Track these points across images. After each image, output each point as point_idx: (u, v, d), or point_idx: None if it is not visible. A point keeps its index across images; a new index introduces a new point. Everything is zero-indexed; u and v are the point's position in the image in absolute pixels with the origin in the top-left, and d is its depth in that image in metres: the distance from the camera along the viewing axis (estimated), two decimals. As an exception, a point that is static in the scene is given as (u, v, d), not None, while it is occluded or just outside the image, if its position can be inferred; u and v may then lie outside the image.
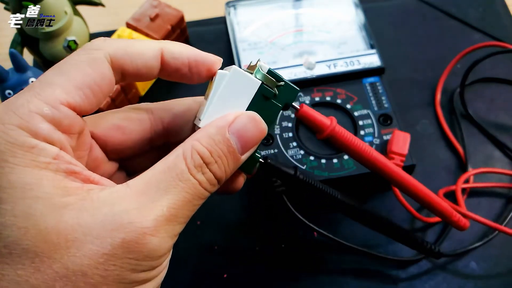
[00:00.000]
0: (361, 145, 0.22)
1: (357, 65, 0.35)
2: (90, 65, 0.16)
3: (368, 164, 0.23)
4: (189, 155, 0.16)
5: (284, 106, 0.19)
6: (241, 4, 0.40)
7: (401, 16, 0.44)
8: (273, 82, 0.19)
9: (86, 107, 0.16)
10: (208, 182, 0.17)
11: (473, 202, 0.34)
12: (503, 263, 0.31)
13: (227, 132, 0.17)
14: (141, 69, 0.17)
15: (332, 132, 0.21)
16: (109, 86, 0.17)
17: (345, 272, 0.31)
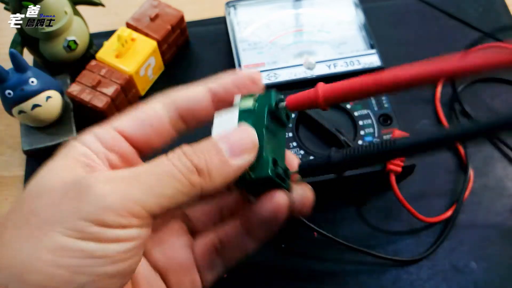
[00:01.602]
0: (356, 84, 0.19)
1: (357, 65, 0.35)
2: (145, 104, 0.21)
3: (373, 92, 0.19)
4: (171, 152, 0.18)
5: (270, 112, 0.20)
6: (241, 4, 0.40)
7: (401, 16, 0.44)
8: (250, 102, 0.20)
9: (133, 132, 0.20)
10: (184, 166, 0.17)
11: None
12: (503, 262, 0.31)
13: (217, 139, 0.18)
14: (190, 99, 0.21)
15: (323, 96, 0.19)
16: (158, 120, 0.20)
17: (345, 272, 0.31)
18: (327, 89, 0.19)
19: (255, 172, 0.19)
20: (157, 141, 0.20)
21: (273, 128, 0.20)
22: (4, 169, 0.37)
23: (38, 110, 0.33)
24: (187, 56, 0.42)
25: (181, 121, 0.21)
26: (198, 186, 0.17)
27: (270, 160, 0.19)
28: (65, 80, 0.38)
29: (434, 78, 0.17)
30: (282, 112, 0.20)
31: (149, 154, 0.21)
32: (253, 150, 0.19)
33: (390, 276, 0.31)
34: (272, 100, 0.20)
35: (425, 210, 0.33)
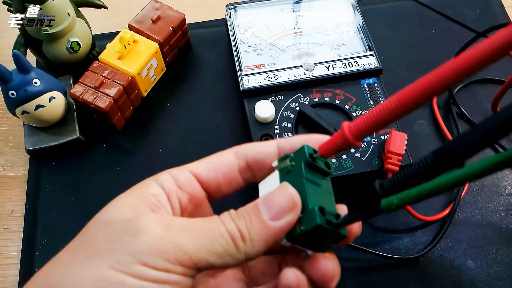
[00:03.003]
0: (375, 113, 0.18)
1: (355, 67, 0.36)
2: (219, 153, 0.22)
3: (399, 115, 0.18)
4: (223, 213, 0.19)
5: (307, 163, 0.20)
6: (241, 6, 0.40)
7: (398, 18, 0.44)
8: (286, 161, 0.20)
9: (205, 176, 0.21)
10: (232, 229, 0.18)
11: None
12: (499, 260, 0.32)
13: (258, 202, 0.19)
14: (258, 153, 0.22)
15: (351, 134, 0.19)
16: (229, 167, 0.22)
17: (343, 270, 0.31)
18: (352, 126, 0.19)
19: (304, 224, 0.19)
20: (227, 187, 0.22)
21: (316, 179, 0.20)
22: (7, 169, 0.37)
23: (41, 110, 0.34)
24: (188, 58, 0.42)
25: (249, 171, 0.22)
26: (242, 250, 0.18)
27: (316, 208, 0.19)
28: (68, 81, 0.38)
29: (444, 85, 0.16)
30: (320, 163, 0.20)
31: (217, 199, 0.22)
32: (293, 209, 0.19)
33: (387, 274, 0.31)
34: (306, 153, 0.20)
35: (422, 209, 0.33)
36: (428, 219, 0.33)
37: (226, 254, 0.17)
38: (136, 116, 0.39)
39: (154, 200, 0.19)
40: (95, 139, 0.38)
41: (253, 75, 0.36)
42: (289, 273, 0.19)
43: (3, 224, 0.35)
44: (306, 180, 0.19)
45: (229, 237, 0.17)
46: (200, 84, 0.41)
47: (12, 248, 0.34)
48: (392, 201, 0.17)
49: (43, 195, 0.35)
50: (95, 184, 0.36)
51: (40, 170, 0.36)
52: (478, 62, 0.15)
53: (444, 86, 0.16)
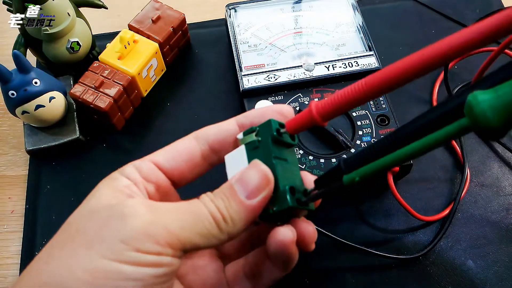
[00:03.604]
0: (345, 93, 0.18)
1: (355, 67, 0.36)
2: (179, 140, 0.22)
3: (366, 98, 0.18)
4: (203, 196, 0.19)
5: (274, 140, 0.20)
6: (241, 6, 0.40)
7: (398, 18, 0.44)
8: (252, 136, 0.21)
9: (167, 165, 0.21)
10: (214, 212, 0.18)
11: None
12: (499, 260, 0.32)
13: (232, 182, 0.19)
14: (220, 134, 0.22)
15: (318, 113, 0.19)
16: (190, 152, 0.22)
17: (343, 270, 0.32)
18: (320, 106, 0.19)
19: (276, 205, 0.20)
20: (190, 173, 0.22)
21: (282, 153, 0.21)
22: (7, 169, 0.37)
23: (41, 110, 0.34)
24: (188, 58, 0.42)
25: (212, 154, 0.22)
26: (225, 231, 0.18)
27: (287, 189, 0.19)
28: (68, 81, 0.38)
29: (427, 65, 0.16)
30: (286, 136, 0.21)
31: (183, 185, 0.22)
32: (268, 186, 0.19)
33: (388, 274, 0.31)
34: (272, 129, 0.20)
35: (422, 209, 0.33)
36: (428, 219, 0.33)
37: (210, 235, 0.18)
38: (136, 116, 0.39)
39: (127, 190, 0.19)
40: (95, 139, 0.38)
41: (253, 75, 0.36)
42: (285, 230, 0.19)
43: (3, 224, 0.35)
44: (274, 158, 0.20)
45: (212, 219, 0.18)
46: (200, 84, 0.41)
47: (12, 248, 0.34)
48: (354, 178, 0.18)
49: (43, 195, 0.35)
50: (95, 184, 0.35)
51: (40, 170, 0.36)
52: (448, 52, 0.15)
53: (408, 76, 0.16)
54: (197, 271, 0.22)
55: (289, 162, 0.21)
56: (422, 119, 0.17)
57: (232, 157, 0.21)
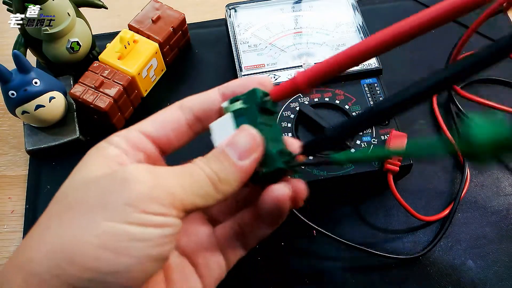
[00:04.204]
0: (333, 61, 0.19)
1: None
2: (164, 109, 0.23)
3: (353, 62, 0.20)
4: (197, 160, 0.20)
5: (260, 109, 0.21)
6: (241, 6, 0.40)
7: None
8: (237, 104, 0.22)
9: (155, 134, 0.22)
10: (211, 173, 0.19)
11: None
12: (499, 260, 0.32)
13: (223, 146, 0.20)
14: (204, 103, 0.22)
15: (303, 81, 0.20)
16: (176, 121, 0.22)
17: (343, 270, 0.32)
18: (303, 72, 0.20)
19: (266, 167, 0.21)
20: (177, 141, 0.22)
21: (266, 120, 0.22)
22: (7, 169, 0.37)
23: (41, 110, 0.34)
24: (188, 58, 0.42)
25: (197, 122, 0.23)
26: (221, 191, 0.19)
27: (275, 152, 0.21)
28: (68, 81, 0.38)
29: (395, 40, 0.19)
30: (269, 104, 0.22)
31: (169, 153, 0.23)
32: (258, 148, 0.20)
33: (388, 274, 0.31)
34: (258, 97, 0.21)
35: (422, 209, 0.33)
36: (428, 219, 0.33)
37: (208, 195, 0.19)
38: (136, 116, 0.39)
39: (118, 159, 0.20)
40: (95, 139, 0.37)
41: (253, 75, 0.36)
42: (280, 187, 0.21)
43: (3, 224, 0.35)
44: (260, 123, 0.21)
45: (209, 181, 0.19)
46: (200, 84, 0.41)
47: (12, 248, 0.34)
48: (342, 159, 0.20)
49: (43, 195, 0.35)
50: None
51: (40, 170, 0.36)
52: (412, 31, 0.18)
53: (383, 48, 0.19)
54: (189, 235, 0.23)
55: (273, 129, 0.22)
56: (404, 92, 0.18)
57: (218, 124, 0.22)
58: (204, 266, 0.23)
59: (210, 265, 0.23)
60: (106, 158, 0.20)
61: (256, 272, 0.31)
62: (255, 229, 0.23)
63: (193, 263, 0.23)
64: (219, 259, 0.24)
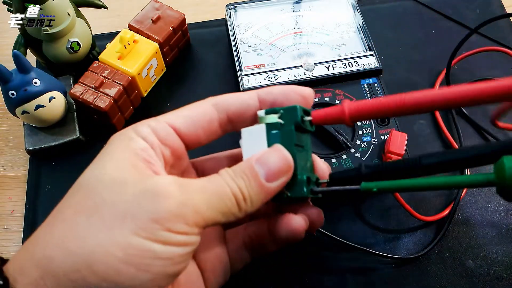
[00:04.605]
0: (380, 104, 0.19)
1: (355, 67, 0.36)
2: (197, 105, 0.22)
3: (395, 113, 0.19)
4: (223, 172, 0.20)
5: (296, 127, 0.21)
6: (241, 6, 0.40)
7: (398, 18, 0.44)
8: (274, 117, 0.21)
9: (185, 130, 0.21)
10: (235, 191, 0.19)
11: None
12: (499, 261, 0.32)
13: (253, 162, 0.20)
14: (241, 107, 0.22)
15: (350, 115, 0.20)
16: (209, 120, 0.22)
17: (343, 270, 0.32)
18: (353, 107, 0.20)
19: (292, 192, 0.20)
20: (205, 139, 0.22)
21: (301, 140, 0.21)
22: (7, 169, 0.37)
23: (41, 110, 0.34)
24: (188, 58, 0.42)
25: (229, 124, 0.22)
26: (243, 210, 0.19)
27: (304, 179, 0.20)
28: (68, 81, 0.38)
29: (451, 104, 0.18)
30: (307, 124, 0.21)
31: (194, 148, 0.22)
32: (288, 172, 0.20)
33: (387, 274, 0.31)
34: (298, 116, 0.20)
35: (422, 209, 0.33)
36: (428, 219, 0.33)
37: (230, 213, 0.19)
38: (136, 116, 0.39)
39: (145, 155, 0.19)
40: (95, 139, 0.38)
41: (253, 75, 0.36)
42: (299, 219, 0.21)
43: (3, 224, 0.35)
44: (295, 146, 0.20)
45: (234, 199, 0.19)
46: (200, 84, 0.41)
47: (12, 248, 0.34)
48: (372, 188, 0.19)
49: (43, 195, 0.35)
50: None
51: (40, 170, 0.36)
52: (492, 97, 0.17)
53: (450, 106, 0.18)
54: (202, 238, 0.23)
55: (306, 149, 0.22)
56: (452, 154, 0.18)
57: (250, 132, 0.21)
58: (211, 271, 0.23)
59: (217, 270, 0.23)
60: (133, 153, 0.19)
61: (256, 272, 0.31)
62: (265, 244, 0.23)
63: (200, 267, 0.23)
64: (226, 266, 0.24)
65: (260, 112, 0.21)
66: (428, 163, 0.19)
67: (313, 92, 0.22)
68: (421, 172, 0.19)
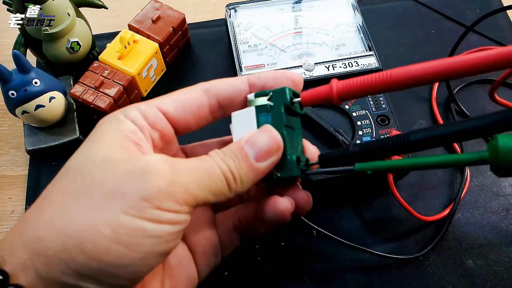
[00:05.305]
0: (367, 80, 0.19)
1: (355, 67, 0.36)
2: (187, 90, 0.22)
3: (382, 89, 0.19)
4: (213, 153, 0.20)
5: (286, 109, 0.21)
6: (241, 6, 0.40)
7: (398, 18, 0.44)
8: (264, 99, 0.21)
9: (175, 115, 0.21)
10: (226, 171, 0.19)
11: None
12: (499, 260, 0.32)
13: (243, 143, 0.20)
14: (231, 92, 0.22)
15: (338, 93, 0.20)
16: (199, 105, 0.22)
17: (343, 270, 0.32)
18: (341, 85, 0.20)
19: (282, 172, 0.20)
20: (195, 124, 0.22)
21: (290, 122, 0.21)
22: (7, 169, 0.37)
23: (41, 110, 0.34)
24: (188, 58, 0.42)
25: (219, 109, 0.22)
26: (233, 190, 0.19)
27: (294, 159, 0.20)
28: (68, 81, 0.38)
29: (437, 76, 0.18)
30: (296, 106, 0.21)
31: (184, 133, 0.22)
32: (278, 152, 0.20)
33: (387, 274, 0.31)
34: (287, 97, 0.20)
35: (422, 209, 0.33)
36: (428, 219, 0.33)
37: (221, 193, 0.19)
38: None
39: (135, 137, 0.19)
40: (95, 139, 0.38)
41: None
42: (284, 201, 0.21)
43: (3, 224, 0.35)
44: (285, 126, 0.20)
45: (224, 179, 0.19)
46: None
47: (12, 248, 0.34)
48: (366, 169, 0.19)
49: (43, 195, 0.35)
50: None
51: (40, 170, 0.36)
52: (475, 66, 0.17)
53: (439, 78, 0.18)
54: (192, 222, 0.23)
55: (295, 130, 0.22)
56: (440, 129, 0.18)
57: (240, 115, 0.21)
58: (202, 254, 0.23)
59: (208, 253, 0.23)
60: (122, 135, 0.19)
61: (256, 272, 0.31)
62: (255, 227, 0.23)
63: (191, 250, 0.23)
64: (217, 248, 0.24)
65: (250, 96, 0.21)
66: (417, 138, 0.18)
67: (302, 78, 0.22)
68: (410, 149, 0.19)
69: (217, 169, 0.19)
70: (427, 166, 0.18)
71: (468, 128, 0.17)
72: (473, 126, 0.17)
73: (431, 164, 0.18)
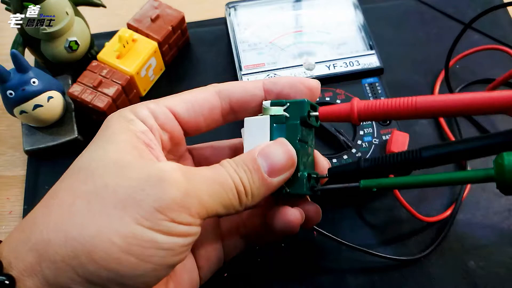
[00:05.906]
0: (389, 105, 0.19)
1: (356, 66, 0.35)
2: (199, 91, 0.22)
3: (414, 115, 0.19)
4: (226, 164, 0.19)
5: (302, 122, 0.20)
6: (241, 5, 0.40)
7: (399, 17, 0.44)
8: (280, 110, 0.20)
9: (185, 116, 0.21)
10: (238, 184, 0.18)
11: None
12: (501, 261, 0.32)
13: (256, 154, 0.19)
14: (245, 96, 0.21)
15: (358, 113, 0.20)
16: (211, 107, 0.21)
17: (344, 271, 0.31)
18: (362, 105, 0.20)
19: (292, 188, 0.20)
20: (205, 127, 0.22)
21: (305, 136, 0.21)
22: (5, 169, 0.37)
23: (39, 110, 0.34)
24: (187, 57, 0.42)
25: (231, 112, 0.22)
26: (244, 204, 0.19)
27: (305, 176, 0.20)
28: (66, 81, 0.38)
29: (465, 111, 0.18)
30: (313, 119, 0.21)
31: (193, 135, 0.22)
32: (291, 168, 0.20)
33: (388, 276, 0.31)
34: (305, 111, 0.20)
35: (424, 210, 0.33)
36: (429, 220, 0.32)
37: (231, 206, 0.18)
38: (135, 116, 0.38)
39: (145, 138, 0.19)
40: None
41: (253, 74, 0.35)
42: (295, 212, 0.21)
43: (1, 225, 0.35)
44: (299, 141, 0.20)
45: (236, 192, 0.18)
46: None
47: (10, 249, 0.34)
48: (372, 186, 0.19)
49: (42, 195, 0.34)
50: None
51: (38, 170, 0.36)
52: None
53: (467, 112, 0.18)
54: None
55: (309, 145, 0.21)
56: (452, 146, 0.18)
57: (253, 122, 0.21)
58: (205, 258, 0.23)
59: (211, 258, 0.23)
60: (133, 135, 0.19)
61: (256, 272, 0.31)
62: (261, 235, 0.23)
63: (194, 253, 0.23)
64: (220, 253, 0.23)
65: (265, 103, 0.21)
66: (429, 155, 0.18)
67: (319, 85, 0.22)
68: (421, 165, 0.19)
69: (230, 181, 0.18)
70: (433, 184, 0.18)
71: (482, 146, 0.17)
72: (486, 144, 0.17)
73: (436, 181, 0.18)
